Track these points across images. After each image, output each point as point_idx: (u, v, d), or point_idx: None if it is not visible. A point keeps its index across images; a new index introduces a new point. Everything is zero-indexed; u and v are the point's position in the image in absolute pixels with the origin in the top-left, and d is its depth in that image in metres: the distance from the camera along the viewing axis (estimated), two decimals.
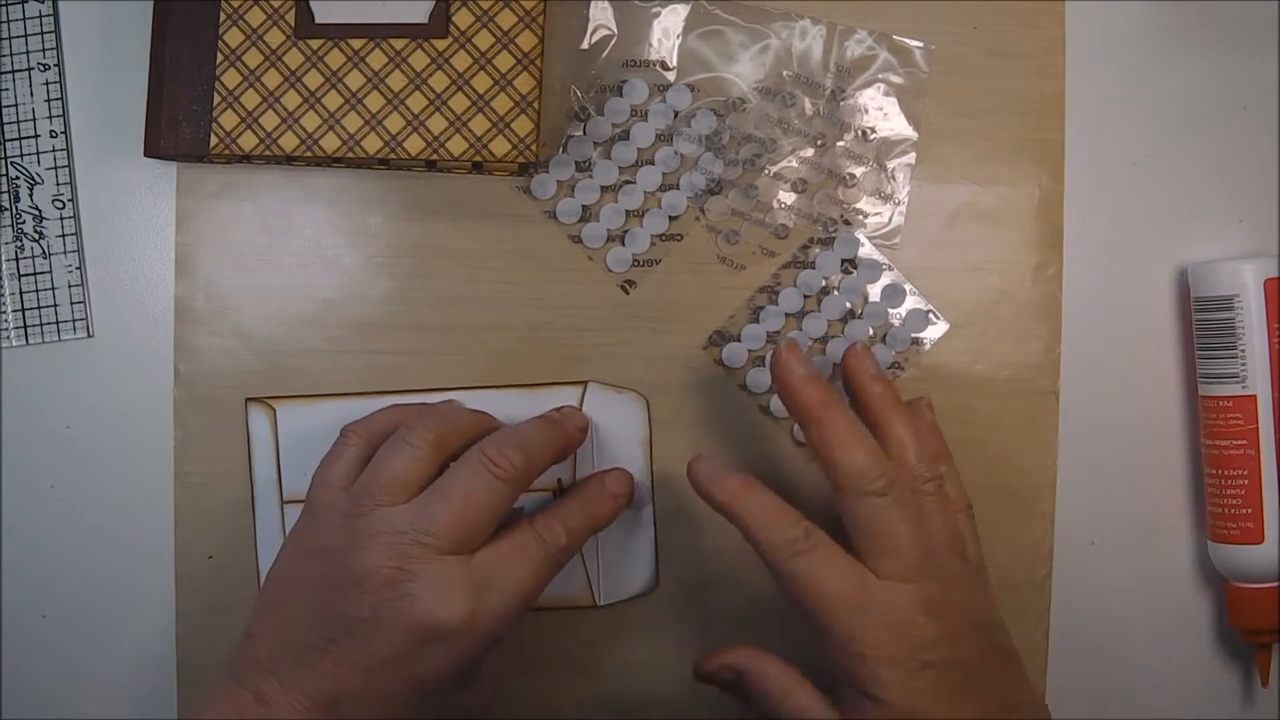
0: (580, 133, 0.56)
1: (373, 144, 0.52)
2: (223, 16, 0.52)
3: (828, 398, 0.49)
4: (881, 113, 0.56)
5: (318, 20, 0.53)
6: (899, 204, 0.56)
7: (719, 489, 0.50)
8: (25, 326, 0.56)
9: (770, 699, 0.50)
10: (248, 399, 0.55)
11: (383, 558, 0.46)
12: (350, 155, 0.52)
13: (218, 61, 0.52)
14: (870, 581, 0.47)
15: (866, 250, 0.56)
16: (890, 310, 0.56)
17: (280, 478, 0.55)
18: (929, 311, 0.57)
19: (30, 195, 0.56)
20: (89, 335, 0.56)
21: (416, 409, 0.53)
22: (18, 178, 0.56)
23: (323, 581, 0.47)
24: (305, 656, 0.46)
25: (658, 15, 0.56)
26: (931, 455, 0.50)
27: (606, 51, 0.56)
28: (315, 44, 0.52)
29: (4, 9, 0.56)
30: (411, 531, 0.46)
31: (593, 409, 0.55)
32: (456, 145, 0.52)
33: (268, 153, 0.52)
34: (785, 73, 0.56)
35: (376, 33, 0.52)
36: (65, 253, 0.56)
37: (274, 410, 0.55)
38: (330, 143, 0.52)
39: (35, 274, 0.56)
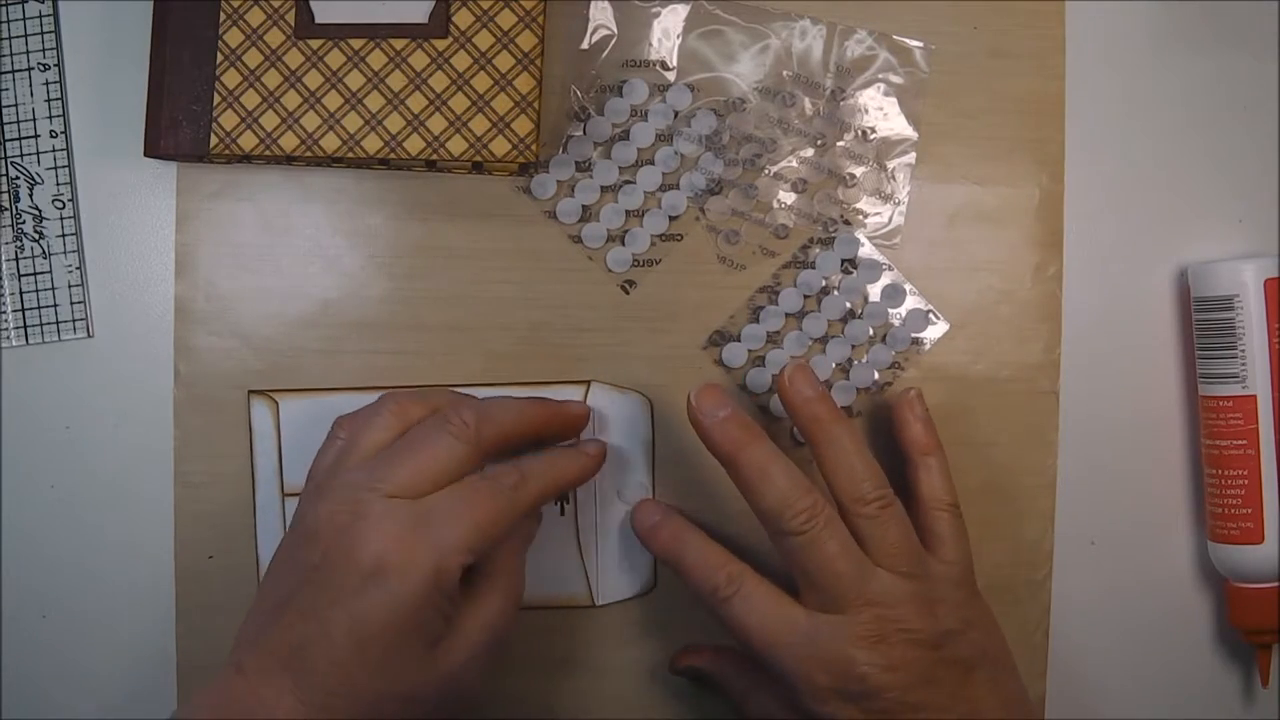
0: (580, 133, 0.56)
1: (373, 144, 0.52)
2: (223, 16, 0.52)
3: (742, 437, 0.50)
4: (881, 113, 0.56)
5: (318, 20, 0.53)
6: (899, 204, 0.56)
7: (652, 541, 0.53)
8: (25, 326, 0.56)
9: (735, 698, 0.53)
10: (250, 391, 0.55)
11: (336, 505, 0.47)
12: (350, 155, 0.52)
13: (218, 61, 0.52)
14: (797, 615, 0.49)
15: (866, 250, 0.56)
16: (890, 310, 0.56)
17: (282, 470, 0.55)
18: (929, 311, 0.57)
19: (30, 195, 0.56)
20: (89, 335, 0.56)
21: (400, 391, 0.53)
22: (18, 178, 0.56)
23: (291, 546, 0.48)
24: (272, 615, 0.46)
25: (658, 15, 0.56)
26: (875, 474, 0.50)
27: (606, 51, 0.56)
28: (315, 44, 0.52)
29: (4, 9, 0.56)
30: (366, 480, 0.47)
31: (595, 409, 0.55)
32: (456, 145, 0.52)
33: (268, 153, 0.52)
34: (785, 73, 0.56)
35: (376, 33, 0.52)
36: (65, 253, 0.56)
37: (276, 403, 0.55)
38: (330, 143, 0.52)
39: (35, 274, 0.56)
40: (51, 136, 0.56)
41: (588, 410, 0.54)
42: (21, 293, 0.56)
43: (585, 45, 0.56)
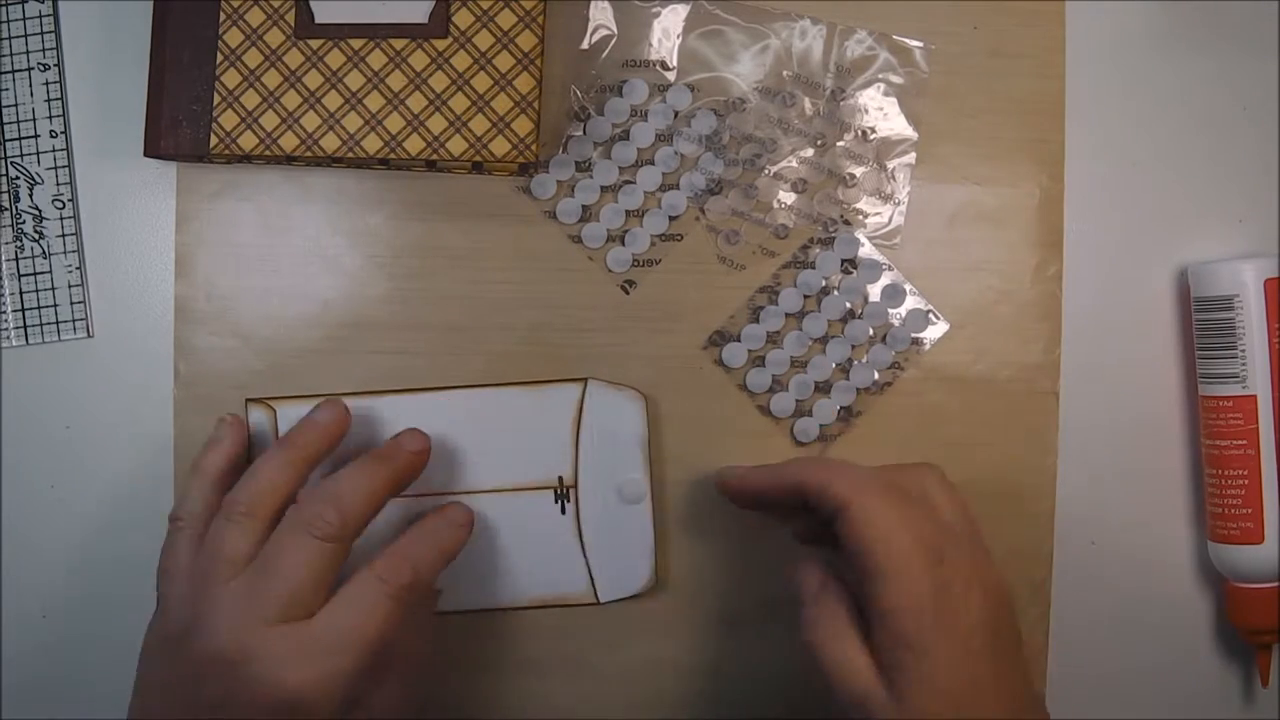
0: (580, 133, 0.56)
1: (373, 144, 0.52)
2: (223, 16, 0.52)
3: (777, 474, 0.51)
4: (881, 113, 0.56)
5: (318, 20, 0.53)
6: (899, 204, 0.56)
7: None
8: (25, 326, 0.56)
9: (819, 630, 0.49)
10: (248, 400, 0.55)
11: (222, 641, 0.46)
12: (350, 155, 0.52)
13: (218, 61, 0.52)
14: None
15: (866, 250, 0.56)
16: (890, 310, 0.56)
17: None
18: (929, 311, 0.57)
19: (30, 195, 0.56)
20: (89, 335, 0.56)
21: (224, 468, 0.53)
22: (18, 178, 0.56)
23: (177, 672, 0.47)
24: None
25: (658, 15, 0.56)
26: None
27: (606, 51, 0.56)
28: (315, 44, 0.52)
29: (4, 9, 0.56)
30: (245, 609, 0.46)
31: (592, 406, 0.55)
32: (456, 145, 0.52)
33: (268, 153, 0.52)
34: (785, 73, 0.56)
35: (376, 33, 0.52)
36: (65, 253, 0.56)
37: (274, 410, 0.55)
38: (330, 143, 0.52)
39: (35, 274, 0.56)
40: (51, 136, 0.56)
41: (425, 442, 0.53)
42: (21, 293, 0.56)
43: (585, 45, 0.56)
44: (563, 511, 0.55)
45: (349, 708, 0.47)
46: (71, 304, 0.56)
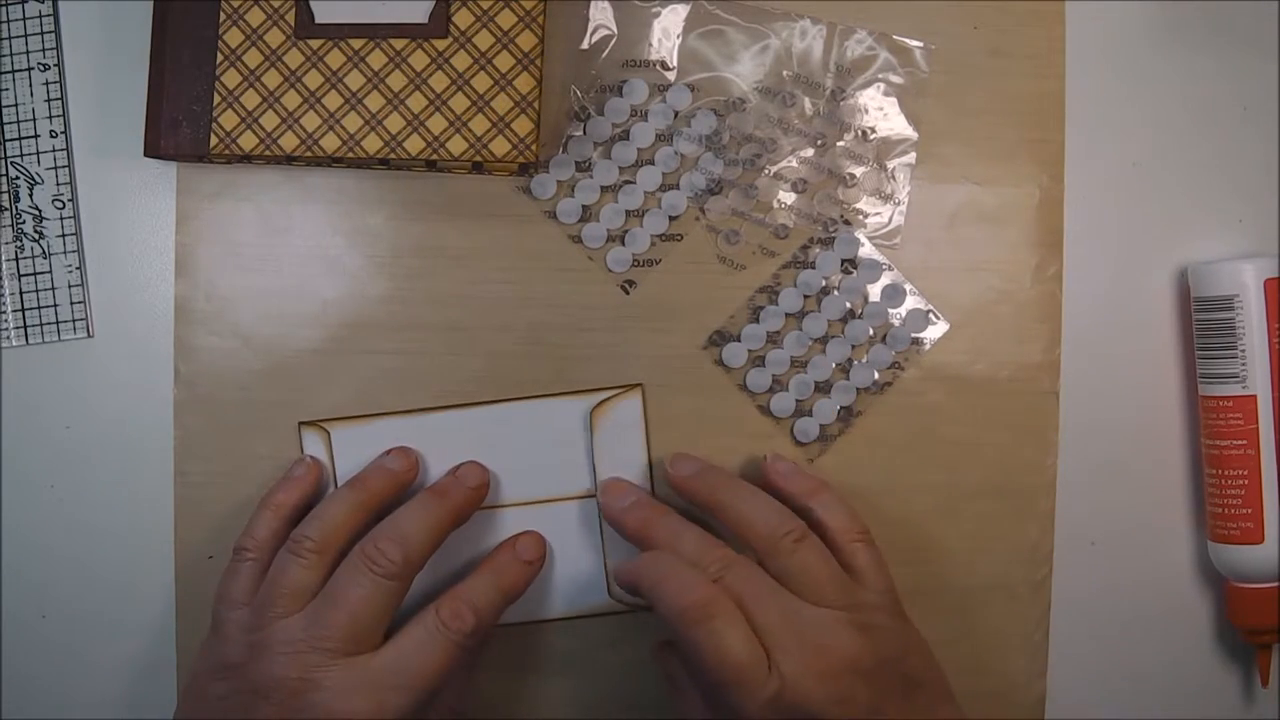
0: (580, 133, 0.56)
1: (373, 144, 0.52)
2: (223, 16, 0.52)
3: (647, 516, 0.52)
4: (881, 113, 0.56)
5: (318, 20, 0.53)
6: (899, 204, 0.56)
7: (623, 523, 0.54)
8: (25, 326, 0.56)
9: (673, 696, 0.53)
10: (301, 423, 0.55)
11: (285, 668, 0.47)
12: (350, 155, 0.52)
13: (218, 61, 0.52)
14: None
15: (866, 250, 0.56)
16: (890, 310, 0.56)
17: None
18: (929, 311, 0.57)
19: (30, 195, 0.56)
20: (89, 335, 0.56)
21: (296, 505, 0.53)
22: (18, 178, 0.56)
23: (231, 697, 0.48)
24: None
25: (658, 15, 0.56)
26: (780, 512, 0.51)
27: (606, 51, 0.56)
28: (315, 44, 0.52)
29: (4, 9, 0.56)
30: (308, 639, 0.48)
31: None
32: (456, 145, 0.52)
33: (268, 153, 0.52)
34: (785, 73, 0.56)
35: (376, 33, 0.52)
36: (65, 253, 0.56)
37: (328, 433, 0.55)
38: (330, 143, 0.52)
39: (35, 274, 0.56)
40: (51, 136, 0.56)
41: (484, 476, 0.54)
42: (21, 293, 0.56)
43: (585, 45, 0.56)
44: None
45: None
46: (71, 304, 0.56)
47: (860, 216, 0.56)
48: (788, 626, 0.47)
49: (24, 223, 0.56)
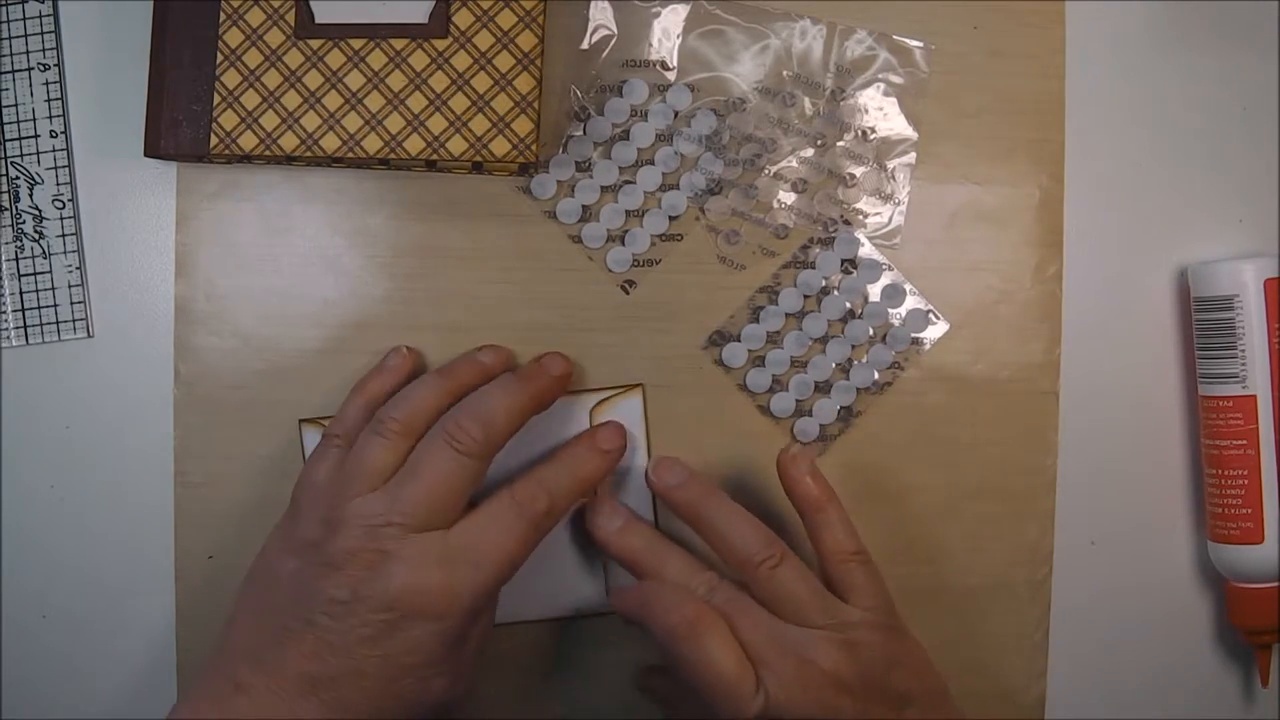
0: (580, 133, 0.56)
1: (373, 144, 0.52)
2: (223, 16, 0.52)
3: (633, 544, 0.53)
4: (881, 113, 0.56)
5: (318, 20, 0.53)
6: (899, 204, 0.56)
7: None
8: (25, 326, 0.56)
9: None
10: (301, 420, 0.55)
11: (360, 540, 0.47)
12: (350, 155, 0.52)
13: (218, 61, 0.52)
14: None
15: (866, 250, 0.56)
16: (890, 310, 0.56)
17: None
18: (929, 311, 0.57)
19: (30, 195, 0.56)
20: (89, 335, 0.56)
21: (388, 393, 0.53)
22: (18, 178, 0.56)
23: (302, 570, 0.48)
24: (283, 639, 0.46)
25: (658, 15, 0.56)
26: (761, 534, 0.51)
27: (606, 51, 0.56)
28: (315, 44, 0.52)
29: (4, 9, 0.56)
30: (385, 514, 0.47)
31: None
32: (456, 145, 0.52)
33: (268, 153, 0.52)
34: (785, 73, 0.56)
35: (376, 33, 0.52)
36: (65, 253, 0.56)
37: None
38: (330, 143, 0.52)
39: (35, 274, 0.56)
40: (51, 136, 0.56)
41: (568, 366, 0.54)
42: (21, 293, 0.56)
43: (585, 45, 0.56)
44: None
45: (466, 624, 0.48)
46: (71, 304, 0.56)
47: (860, 216, 0.56)
48: (772, 644, 0.48)
49: (24, 223, 0.56)
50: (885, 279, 0.56)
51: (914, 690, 0.49)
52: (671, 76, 0.56)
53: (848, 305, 0.56)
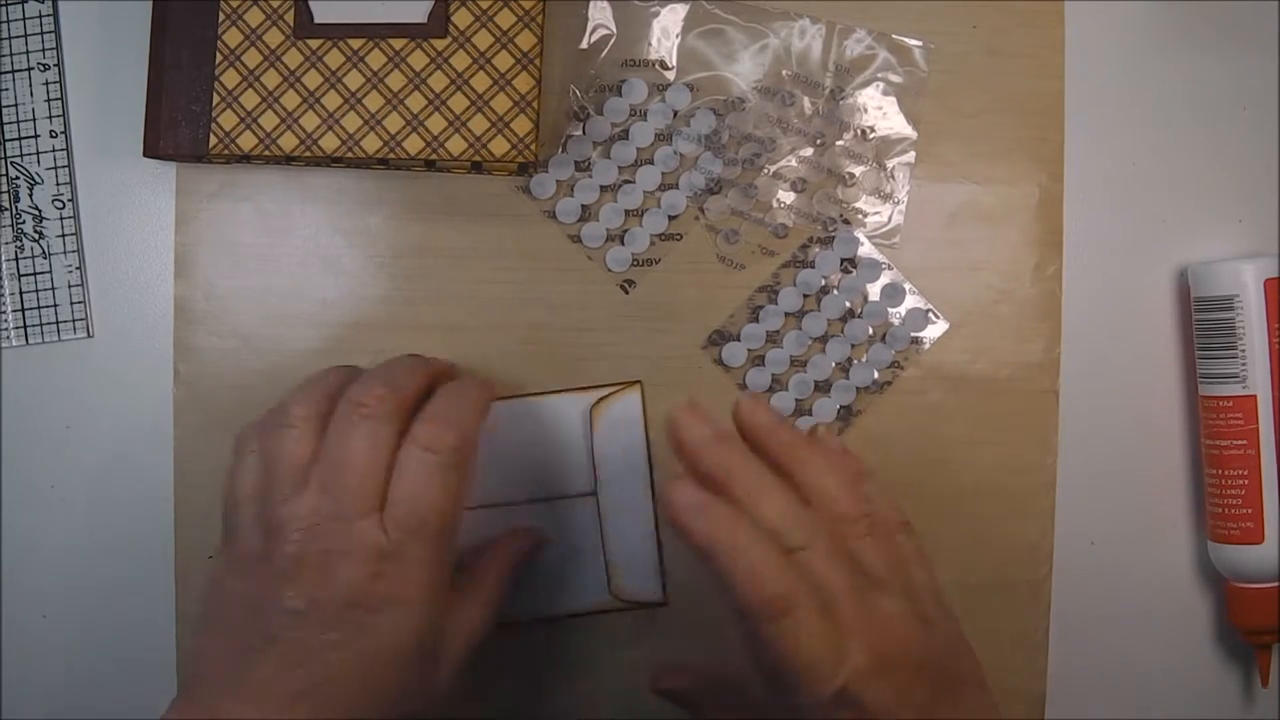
0: (580, 132, 0.56)
1: (372, 144, 0.52)
2: (222, 16, 0.52)
3: (729, 461, 0.46)
4: (881, 112, 0.56)
5: (317, 20, 0.53)
6: (898, 203, 0.56)
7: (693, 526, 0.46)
8: (25, 326, 0.56)
9: None
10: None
11: (301, 544, 0.45)
12: (350, 155, 0.52)
13: (217, 61, 0.52)
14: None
15: (866, 249, 0.56)
16: (890, 309, 0.56)
17: None
18: (928, 311, 0.57)
19: (30, 195, 0.56)
20: (89, 335, 0.56)
21: (293, 390, 0.51)
22: (18, 178, 0.56)
23: (252, 587, 0.46)
24: (253, 659, 0.44)
25: (657, 15, 0.56)
26: (855, 498, 0.47)
27: (606, 51, 0.56)
28: (314, 44, 0.52)
29: (4, 9, 0.56)
30: (317, 510, 0.46)
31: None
32: (456, 145, 0.52)
33: (267, 153, 0.52)
34: (784, 72, 0.56)
35: (375, 32, 0.52)
36: (65, 253, 0.56)
37: None
38: (330, 143, 0.52)
39: (35, 274, 0.56)
40: (51, 136, 0.56)
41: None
42: (21, 293, 0.56)
43: (584, 45, 0.56)
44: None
45: (432, 597, 0.46)
46: (71, 304, 0.56)
47: (860, 216, 0.56)
48: (862, 617, 0.44)
49: (24, 223, 0.56)
50: (885, 278, 0.56)
51: (967, 672, 0.47)
52: (671, 76, 0.56)
53: (847, 304, 0.56)
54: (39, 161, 0.56)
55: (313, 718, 0.44)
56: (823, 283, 0.56)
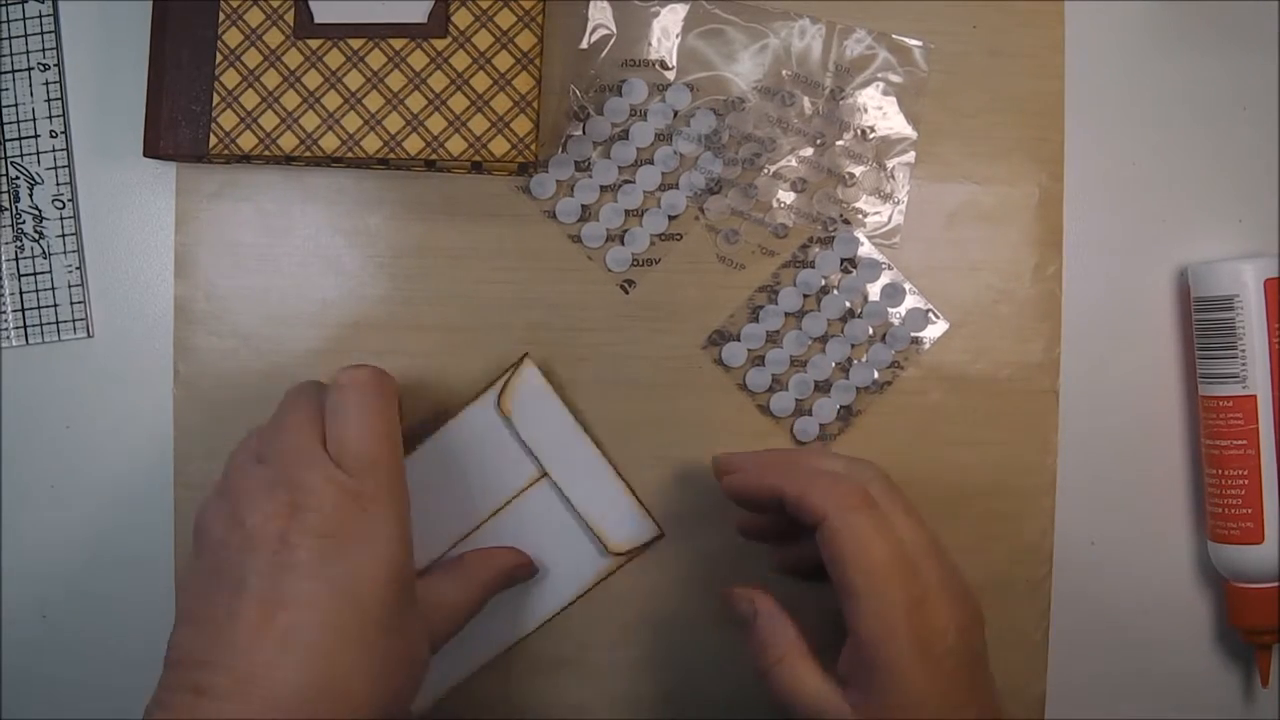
0: (580, 132, 0.56)
1: (372, 144, 0.52)
2: (222, 16, 0.52)
3: (789, 459, 0.51)
4: (881, 112, 0.56)
5: (317, 20, 0.53)
6: (898, 203, 0.56)
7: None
8: (25, 326, 0.56)
9: (767, 655, 0.49)
10: None
11: (266, 501, 0.45)
12: (350, 155, 0.52)
13: (217, 61, 0.52)
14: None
15: (866, 249, 0.56)
16: (890, 309, 0.56)
17: None
18: (928, 311, 0.57)
19: (30, 195, 0.56)
20: (89, 335, 0.56)
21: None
22: (18, 178, 0.56)
23: (217, 558, 0.45)
24: (233, 621, 0.44)
25: (657, 15, 0.56)
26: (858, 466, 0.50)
27: (606, 51, 0.56)
28: (314, 44, 0.52)
29: (4, 9, 0.56)
30: (276, 480, 0.46)
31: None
32: (456, 145, 0.52)
33: (267, 153, 0.52)
34: (784, 72, 0.56)
35: (375, 32, 0.52)
36: (65, 253, 0.56)
37: None
38: (330, 143, 0.52)
39: (35, 274, 0.56)
40: (51, 136, 0.56)
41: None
42: (21, 293, 0.56)
43: (584, 45, 0.56)
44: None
45: (398, 534, 0.46)
46: (71, 304, 0.56)
47: (860, 216, 0.56)
48: (929, 544, 0.47)
49: (24, 223, 0.56)
50: (885, 278, 0.56)
51: (983, 643, 0.48)
52: (671, 76, 0.56)
53: (847, 304, 0.56)
54: (39, 161, 0.56)
55: (299, 675, 0.43)
56: (823, 283, 0.56)
